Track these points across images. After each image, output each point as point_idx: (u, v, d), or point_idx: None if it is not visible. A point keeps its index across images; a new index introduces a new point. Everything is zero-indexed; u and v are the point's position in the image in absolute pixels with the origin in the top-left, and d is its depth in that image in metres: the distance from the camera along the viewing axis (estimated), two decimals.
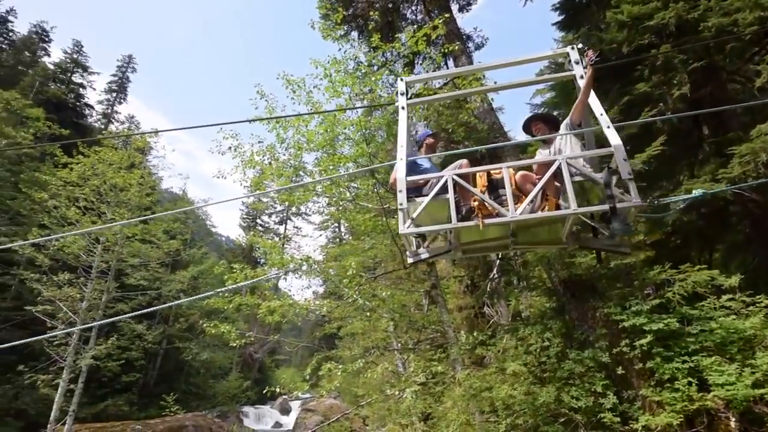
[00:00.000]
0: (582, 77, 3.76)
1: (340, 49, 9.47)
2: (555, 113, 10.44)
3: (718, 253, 8.66)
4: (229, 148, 8.96)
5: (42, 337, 4.74)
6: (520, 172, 3.61)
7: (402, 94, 4.40)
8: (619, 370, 5.64)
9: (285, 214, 47.92)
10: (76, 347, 16.12)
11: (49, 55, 41.31)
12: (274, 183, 9.72)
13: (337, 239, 31.66)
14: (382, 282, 9.05)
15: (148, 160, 27.07)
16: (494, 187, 3.60)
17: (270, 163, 8.81)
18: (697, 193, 3.44)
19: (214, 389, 30.47)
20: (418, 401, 6.75)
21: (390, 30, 11.73)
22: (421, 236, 3.90)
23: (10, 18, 38.15)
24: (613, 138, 3.27)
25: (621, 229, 3.15)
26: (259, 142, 9.00)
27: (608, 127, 3.34)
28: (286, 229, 47.19)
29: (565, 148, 3.83)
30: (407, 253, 3.99)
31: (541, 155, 3.99)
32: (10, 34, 38.16)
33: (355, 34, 12.33)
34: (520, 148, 7.77)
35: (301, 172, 9.66)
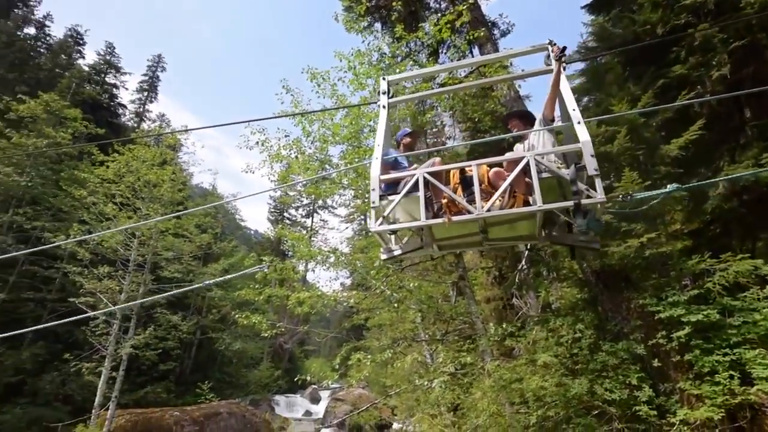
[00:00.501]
0: (563, 71, 3.67)
1: (363, 41, 9.48)
2: (585, 99, 10.14)
3: (762, 242, 8.27)
4: (257, 142, 9.11)
5: (53, 324, 4.97)
6: (494, 169, 3.58)
7: (383, 93, 4.42)
8: (656, 363, 5.49)
9: (311, 208, 48.50)
10: (116, 337, 16.87)
11: (83, 58, 42.81)
12: (300, 176, 9.84)
13: (363, 231, 31.83)
14: (409, 273, 9.06)
15: (179, 156, 27.85)
16: (467, 184, 3.56)
17: (296, 157, 8.91)
18: (671, 187, 3.29)
19: (247, 378, 31.36)
20: (447, 392, 6.76)
21: (413, 20, 11.60)
22: (395, 233, 3.90)
23: (47, 23, 39.66)
24: (582, 134, 3.19)
25: (591, 225, 3.15)
26: (286, 136, 9.11)
27: (578, 122, 3.26)
28: (312, 222, 47.79)
29: (538, 144, 3.82)
30: (381, 249, 4.01)
31: (517, 151, 3.96)
32: (47, 38, 39.71)
33: (378, 25, 12.26)
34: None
35: (327, 165, 9.74)
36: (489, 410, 5.14)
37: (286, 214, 48.91)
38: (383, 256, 4.01)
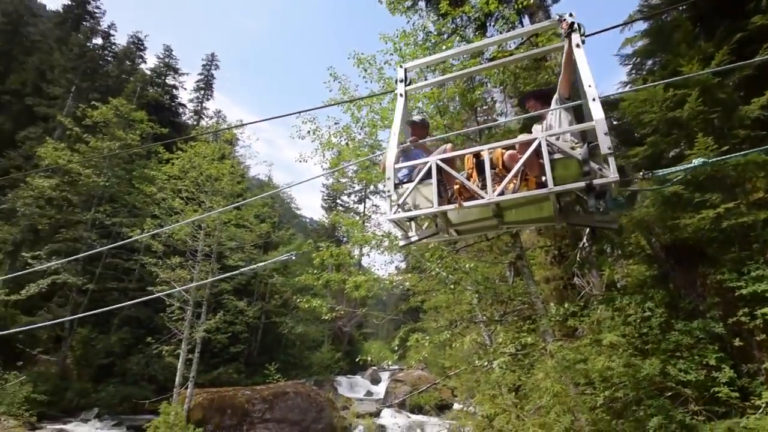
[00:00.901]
0: (579, 45, 3.41)
1: (408, 22, 9.27)
2: (649, 62, 9.40)
3: None
4: (308, 132, 9.31)
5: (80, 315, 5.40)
6: (509, 152, 3.47)
7: (401, 81, 4.34)
8: (737, 342, 5.10)
9: (363, 193, 49.07)
10: (190, 322, 18.17)
11: (145, 62, 45.54)
12: (351, 162, 9.97)
13: None
14: (464, 255, 8.97)
15: (236, 150, 29.06)
16: (482, 168, 3.46)
17: (347, 144, 9.02)
18: (696, 162, 3.05)
19: (309, 360, 32.73)
20: (507, 373, 6.70)
21: None
22: (413, 220, 3.89)
23: (111, 32, 42.44)
24: (596, 112, 3.01)
25: (610, 204, 3.09)
26: (335, 123, 9.23)
27: (593, 99, 3.08)
28: (365, 207, 48.38)
29: (555, 124, 3.66)
30: (399, 236, 4.03)
31: (534, 132, 3.78)
32: (113, 47, 42.54)
33: (422, 3, 11.98)
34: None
35: (377, 150, 9.79)
36: (553, 390, 5.04)
37: (339, 201, 49.87)
38: (401, 243, 4.06)
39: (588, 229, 9.10)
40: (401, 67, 4.43)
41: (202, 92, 46.76)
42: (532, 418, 4.80)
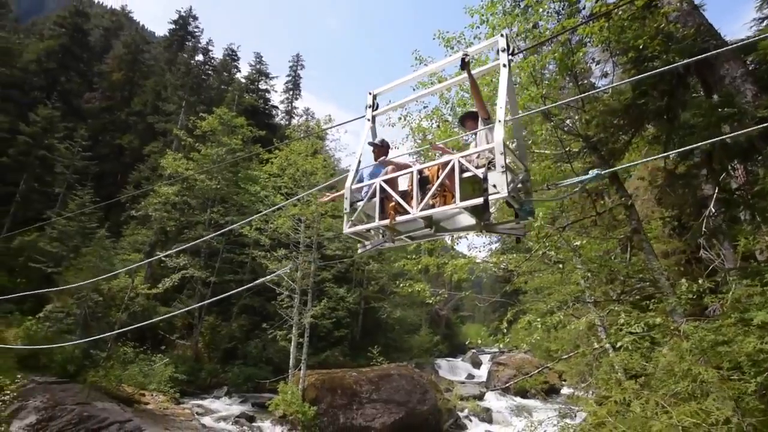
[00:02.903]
0: (505, 65, 3.71)
1: None
2: None
3: None
4: (399, 118, 9.34)
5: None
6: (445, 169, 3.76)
7: (369, 107, 4.82)
8: None
9: None
10: (298, 309, 19.53)
11: (239, 71, 49.19)
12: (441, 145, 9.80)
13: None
14: (571, 232, 8.39)
15: (326, 144, 30.31)
16: (423, 183, 3.85)
17: (438, 126, 8.88)
18: (591, 174, 3.33)
19: (409, 343, 33.42)
20: (627, 356, 6.15)
21: None
22: (370, 231, 4.37)
23: (209, 47, 46.44)
24: (497, 134, 3.30)
25: (521, 214, 3.50)
26: (425, 107, 9.16)
27: (499, 121, 3.34)
28: None
29: (482, 142, 3.93)
30: (358, 245, 4.61)
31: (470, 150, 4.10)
32: (212, 61, 46.56)
33: None
34: None
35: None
36: (691, 376, 4.52)
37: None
38: (359, 251, 4.65)
39: (714, 195, 8.00)
40: (370, 93, 4.88)
41: (291, 93, 49.35)
42: (674, 405, 4.35)
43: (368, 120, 4.82)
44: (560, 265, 8.80)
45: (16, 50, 34.70)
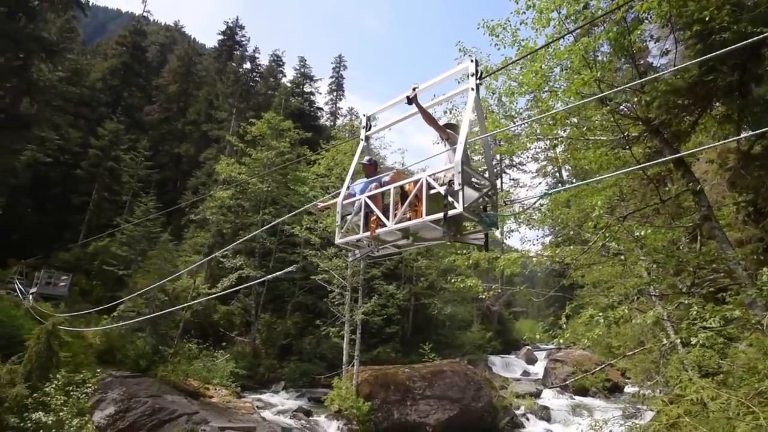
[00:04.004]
0: (473, 89, 4.05)
1: None
2: None
3: None
4: (444, 112, 9.19)
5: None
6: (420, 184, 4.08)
7: (363, 128, 5.30)
8: None
9: (499, 168, 47.26)
10: (349, 306, 19.83)
11: (285, 76, 50.56)
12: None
13: (559, 184, 29.49)
14: (632, 221, 7.90)
15: (372, 143, 30.54)
16: (405, 197, 4.10)
17: (486, 117, 8.64)
18: (541, 193, 3.67)
19: (461, 340, 33.00)
20: (704, 352, 5.71)
21: None
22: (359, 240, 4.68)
23: (256, 55, 48.07)
24: (457, 155, 3.66)
25: (484, 224, 3.88)
26: None
27: (460, 143, 3.72)
28: (502, 183, 46.58)
29: (447, 162, 4.22)
30: (349, 254, 5.16)
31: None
32: (258, 68, 48.19)
33: None
34: None
35: (515, 121, 9.22)
36: None
37: (473, 180, 48.91)
38: (350, 259, 6.12)
39: None
40: (364, 115, 5.35)
41: (335, 94, 50.15)
42: (760, 405, 3.98)
43: (362, 140, 5.31)
44: (621, 257, 8.33)
45: (85, 70, 37.60)
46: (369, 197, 4.41)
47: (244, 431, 12.76)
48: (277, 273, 6.61)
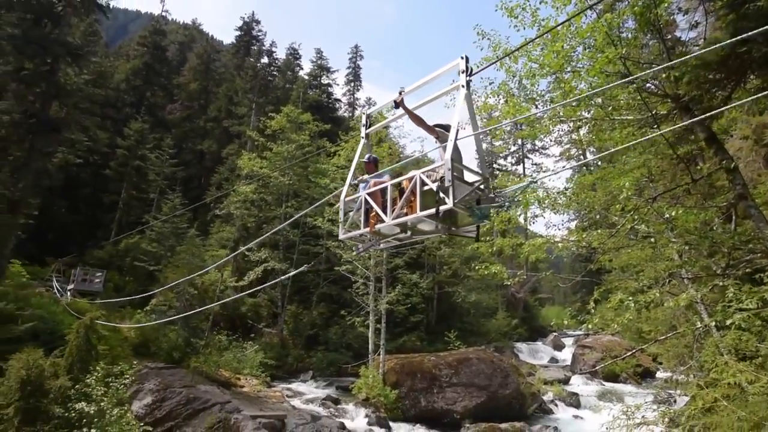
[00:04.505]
0: (463, 86, 4.21)
1: None
2: None
3: None
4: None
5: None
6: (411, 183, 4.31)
7: (363, 126, 5.59)
8: None
9: (521, 153, 46.46)
10: (374, 296, 19.98)
11: (302, 69, 50.62)
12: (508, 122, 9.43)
13: (583, 167, 28.82)
14: (662, 202, 7.64)
15: (390, 132, 30.42)
16: (403, 193, 4.31)
17: (506, 101, 8.49)
18: (526, 182, 4.27)
19: (486, 327, 32.84)
20: (741, 335, 5.52)
21: None
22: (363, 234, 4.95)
23: (273, 49, 48.28)
24: (447, 153, 3.86)
25: (475, 217, 4.03)
26: (490, 83, 8.76)
27: (451, 141, 3.94)
28: (524, 168, 45.81)
29: (438, 159, 4.39)
30: (353, 248, 5.57)
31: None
32: (276, 62, 48.40)
33: None
34: None
35: (537, 104, 9.02)
36: None
37: (495, 165, 48.23)
38: (354, 252, 6.70)
39: None
40: (363, 113, 5.69)
41: (353, 84, 49.99)
42: None
43: (362, 137, 5.58)
44: (651, 240, 8.09)
45: (109, 72, 38.55)
46: (368, 194, 4.65)
47: (276, 419, 13.06)
48: (300, 268, 6.77)
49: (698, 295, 8.50)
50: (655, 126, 7.11)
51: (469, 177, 4.21)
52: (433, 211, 3.82)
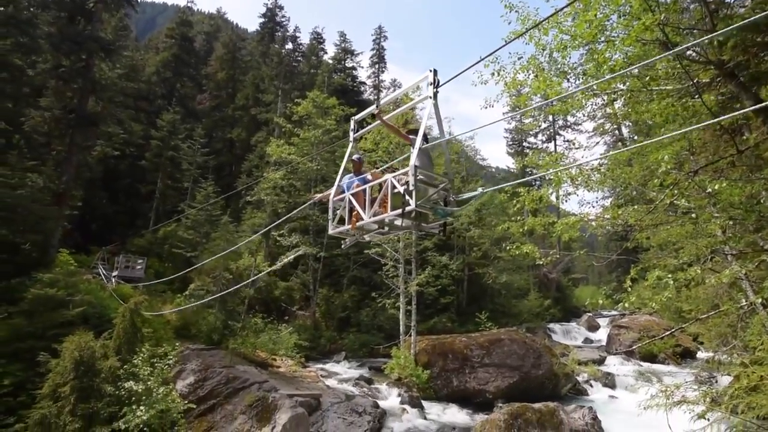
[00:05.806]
0: (430, 98, 4.57)
1: None
2: None
3: None
4: (492, 74, 8.81)
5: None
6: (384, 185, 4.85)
7: (351, 131, 6.16)
8: None
9: (552, 131, 45.10)
10: (404, 278, 20.09)
11: (326, 53, 50.41)
12: (538, 99, 9.14)
13: (619, 143, 27.74)
14: (704, 175, 7.26)
15: (417, 114, 30.08)
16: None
17: (536, 76, 8.21)
18: (480, 191, 4.72)
19: (518, 308, 32.58)
20: None
21: None
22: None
23: (297, 34, 48.20)
24: (411, 160, 4.34)
25: (438, 214, 4.61)
26: (519, 58, 8.47)
27: (416, 148, 4.47)
28: (555, 145, 44.49)
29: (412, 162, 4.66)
30: (342, 242, 5.99)
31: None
32: (300, 47, 48.37)
33: None
34: None
35: (569, 78, 8.68)
36: None
37: (525, 144, 47.04)
38: (343, 246, 6.01)
39: None
40: (352, 119, 6.16)
41: (377, 66, 49.47)
42: None
43: (351, 142, 6.12)
44: (692, 215, 7.75)
45: (140, 65, 39.58)
46: (352, 194, 5.24)
47: (311, 398, 13.47)
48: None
49: (743, 272, 8.12)
50: (697, 95, 6.73)
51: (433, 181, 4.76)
52: (399, 211, 4.29)
